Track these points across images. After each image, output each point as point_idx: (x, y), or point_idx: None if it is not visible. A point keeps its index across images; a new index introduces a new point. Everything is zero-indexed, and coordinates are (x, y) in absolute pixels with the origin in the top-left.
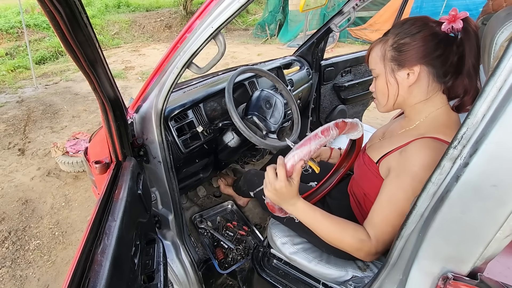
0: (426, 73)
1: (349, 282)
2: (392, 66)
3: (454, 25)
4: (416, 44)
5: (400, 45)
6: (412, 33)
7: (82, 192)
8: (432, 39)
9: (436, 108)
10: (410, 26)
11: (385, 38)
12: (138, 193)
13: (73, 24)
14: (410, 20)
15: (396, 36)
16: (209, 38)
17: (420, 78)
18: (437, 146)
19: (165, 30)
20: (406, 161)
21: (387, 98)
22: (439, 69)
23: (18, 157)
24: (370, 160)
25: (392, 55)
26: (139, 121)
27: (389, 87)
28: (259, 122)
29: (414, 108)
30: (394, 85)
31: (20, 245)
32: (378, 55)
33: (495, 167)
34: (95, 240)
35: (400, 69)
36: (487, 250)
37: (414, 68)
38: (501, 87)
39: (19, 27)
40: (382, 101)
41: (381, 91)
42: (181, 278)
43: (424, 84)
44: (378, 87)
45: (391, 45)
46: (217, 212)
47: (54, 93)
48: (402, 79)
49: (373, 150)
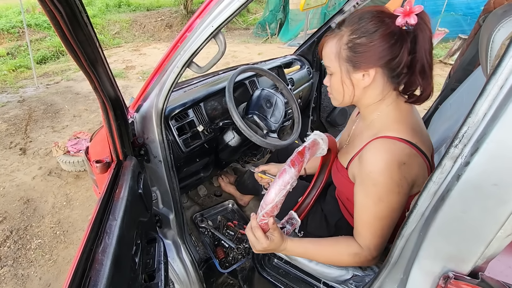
0: (381, 75)
1: (350, 281)
2: (348, 67)
3: (408, 20)
4: (373, 46)
5: (356, 45)
6: (369, 32)
7: (83, 192)
8: (388, 39)
9: (387, 105)
10: (367, 23)
11: (339, 32)
12: (138, 192)
13: (74, 23)
14: (366, 14)
15: (352, 33)
16: (210, 37)
17: (375, 80)
18: (389, 145)
19: (166, 29)
20: (364, 167)
21: (343, 97)
22: (394, 71)
23: (19, 157)
24: (341, 166)
25: (347, 55)
26: (140, 120)
27: (344, 88)
28: (259, 121)
29: (368, 108)
30: (349, 86)
31: (21, 244)
32: (332, 51)
33: (496, 166)
34: (96, 239)
35: (356, 70)
36: (488, 249)
37: (370, 70)
38: (502, 85)
39: (20, 27)
40: (338, 98)
41: (336, 90)
42: (182, 277)
43: (379, 85)
44: (333, 85)
45: (346, 43)
46: (218, 211)
47: (55, 92)
48: (358, 81)
49: (342, 156)
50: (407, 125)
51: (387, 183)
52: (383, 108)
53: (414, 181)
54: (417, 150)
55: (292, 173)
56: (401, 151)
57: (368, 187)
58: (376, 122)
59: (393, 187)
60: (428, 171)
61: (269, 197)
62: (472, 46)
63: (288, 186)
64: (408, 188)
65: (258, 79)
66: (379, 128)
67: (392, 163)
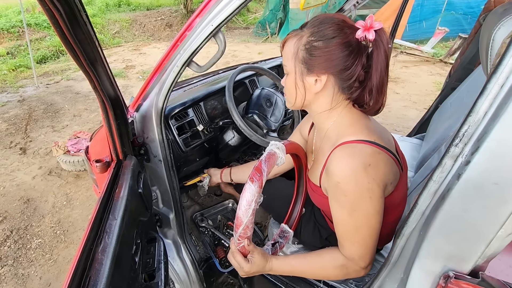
0: (332, 83)
1: (350, 280)
2: (302, 69)
3: (367, 35)
4: (328, 52)
5: (313, 47)
6: (326, 38)
7: (84, 191)
8: (344, 48)
9: (338, 113)
10: (327, 28)
11: (300, 32)
12: (138, 191)
13: (73, 22)
14: (328, 20)
15: (311, 35)
16: (209, 36)
17: (326, 87)
18: (349, 150)
19: (166, 29)
20: (331, 179)
21: (295, 99)
22: (345, 82)
23: (19, 156)
24: (314, 185)
25: (303, 56)
26: (140, 120)
27: (296, 90)
28: (259, 121)
29: (320, 117)
30: (301, 89)
31: (22, 243)
32: (291, 50)
33: (496, 165)
34: (96, 238)
35: (309, 74)
36: (489, 248)
37: (322, 76)
38: (503, 84)
39: (20, 26)
40: (290, 100)
41: (289, 91)
42: (182, 277)
43: (329, 94)
44: (287, 86)
45: (305, 44)
46: (218, 211)
47: (55, 92)
48: (310, 85)
49: (312, 174)
50: (361, 126)
51: (357, 190)
52: (335, 116)
53: (385, 181)
54: (378, 147)
55: (253, 190)
56: (363, 152)
57: (339, 198)
58: (331, 132)
59: (363, 193)
60: (396, 164)
61: (238, 220)
62: (472, 45)
63: (252, 204)
64: (380, 191)
65: (258, 78)
66: (336, 136)
67: (357, 167)
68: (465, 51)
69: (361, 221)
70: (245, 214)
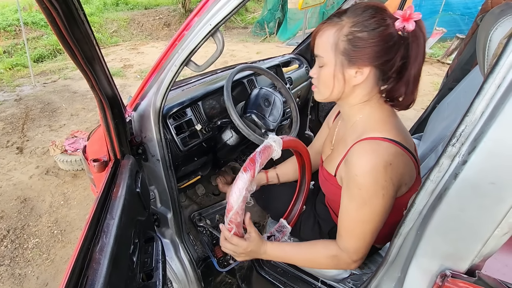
0: (373, 75)
1: (348, 279)
2: (343, 61)
3: (407, 25)
4: (373, 43)
5: (356, 38)
6: (370, 28)
7: (81, 191)
8: (388, 40)
9: (371, 107)
10: (370, 18)
11: (339, 22)
12: (136, 191)
13: (70, 20)
14: (370, 10)
15: (354, 25)
16: (208, 36)
17: (366, 79)
18: (374, 146)
19: (164, 28)
20: (350, 171)
21: (331, 92)
22: (385, 73)
23: (16, 156)
24: (328, 174)
25: (345, 48)
26: (138, 119)
27: (335, 82)
28: (258, 120)
29: (352, 109)
30: (341, 81)
31: (19, 243)
32: (329, 41)
33: (493, 164)
34: (93, 238)
35: (350, 66)
36: (485, 247)
37: (364, 68)
38: (499, 84)
39: (17, 25)
40: (324, 92)
41: (325, 83)
42: (180, 276)
43: (369, 86)
44: (322, 78)
45: (346, 35)
46: (216, 210)
47: (52, 91)
48: (350, 77)
49: (328, 163)
50: (391, 124)
51: (372, 186)
52: (367, 110)
53: (401, 182)
54: (402, 149)
55: (245, 178)
56: (387, 151)
57: (352, 190)
58: (359, 124)
59: (377, 190)
60: (416, 168)
61: (229, 205)
62: (469, 45)
63: (243, 191)
64: (393, 190)
65: (257, 78)
66: (363, 130)
67: (378, 164)
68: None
69: (367, 216)
70: (236, 201)
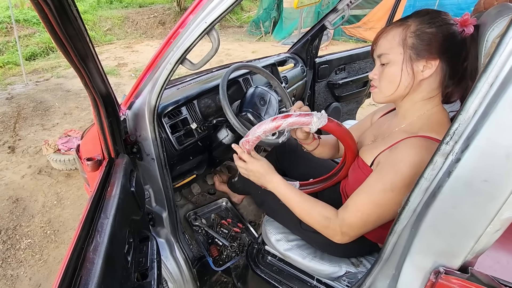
0: (440, 69)
1: (343, 277)
2: (411, 54)
3: (466, 30)
4: (442, 37)
5: (425, 33)
6: (438, 25)
7: (75, 190)
8: (453, 36)
9: (432, 107)
10: (436, 18)
11: (405, 23)
12: (131, 190)
13: (63, 17)
14: (433, 12)
15: (421, 23)
16: (203, 34)
17: (433, 74)
18: (428, 145)
19: (159, 26)
20: (395, 156)
21: (396, 88)
22: (452, 69)
23: (8, 155)
24: (363, 163)
25: (413, 42)
26: (132, 117)
27: (402, 77)
28: (253, 119)
29: (413, 106)
30: (409, 76)
31: (11, 244)
32: (396, 39)
33: (486, 162)
34: (87, 237)
35: (419, 59)
36: (478, 244)
37: (433, 62)
38: (492, 83)
39: (8, 22)
40: (388, 90)
41: (390, 79)
42: (175, 276)
43: (435, 81)
44: (387, 74)
45: (414, 31)
46: (212, 210)
47: (45, 89)
48: (417, 71)
49: (366, 153)
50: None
51: (408, 178)
52: (429, 109)
53: None
54: None
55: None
56: None
57: (387, 174)
58: (417, 123)
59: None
60: None
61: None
62: None
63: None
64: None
65: (252, 77)
66: (421, 127)
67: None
68: None
69: (385, 201)
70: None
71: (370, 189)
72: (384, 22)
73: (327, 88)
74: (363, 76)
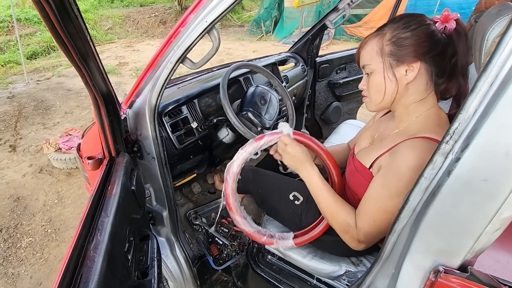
0: (424, 71)
1: (343, 277)
2: (391, 62)
3: (448, 25)
4: (418, 39)
5: (401, 39)
6: (412, 28)
7: (75, 189)
8: (432, 35)
9: (427, 108)
10: (410, 22)
11: (381, 32)
12: (131, 189)
13: (63, 15)
14: (407, 17)
15: (395, 30)
16: (204, 33)
17: (418, 76)
18: (428, 146)
19: (160, 25)
20: (395, 161)
21: (383, 96)
22: (437, 68)
23: (9, 154)
24: (361, 166)
25: (391, 50)
26: (133, 116)
27: (386, 84)
28: (254, 118)
29: (407, 109)
30: (392, 81)
31: (12, 242)
32: (374, 49)
33: (486, 161)
34: (87, 236)
35: (399, 65)
36: (477, 243)
37: (414, 64)
38: (492, 82)
39: (10, 21)
40: (376, 99)
41: (376, 88)
42: (175, 275)
43: (422, 83)
44: (373, 84)
45: (390, 39)
46: (212, 209)
47: (46, 88)
48: (401, 76)
49: (364, 155)
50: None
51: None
52: (424, 111)
53: None
54: None
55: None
56: None
57: (391, 180)
58: (413, 125)
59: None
60: None
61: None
62: None
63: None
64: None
65: (253, 76)
66: (419, 129)
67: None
68: None
69: (394, 208)
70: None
71: (377, 197)
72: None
73: (328, 88)
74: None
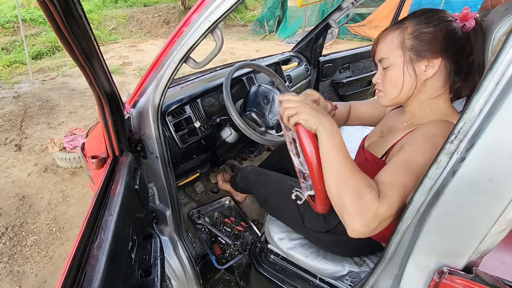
0: (443, 67)
1: (346, 277)
2: (411, 56)
3: (467, 24)
4: (440, 34)
5: (422, 34)
6: (434, 24)
7: (80, 188)
8: (453, 32)
9: (440, 104)
10: (432, 17)
11: (402, 25)
12: (135, 188)
13: (68, 15)
14: (428, 12)
15: (417, 24)
16: (207, 32)
17: (437, 73)
18: (447, 125)
19: (163, 25)
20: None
21: (400, 91)
22: (456, 65)
23: (14, 153)
24: (372, 156)
25: (412, 44)
26: (136, 116)
27: (405, 79)
28: (257, 119)
29: (420, 105)
30: (412, 77)
31: (17, 240)
32: (394, 42)
33: (491, 161)
34: (91, 234)
35: (420, 60)
36: (482, 244)
37: (434, 60)
38: (498, 81)
39: (15, 22)
40: (392, 93)
41: (393, 82)
42: (178, 274)
43: (440, 80)
44: (390, 78)
45: (411, 33)
46: (215, 208)
47: (51, 88)
48: (420, 71)
49: (375, 147)
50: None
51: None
52: (439, 104)
53: None
54: None
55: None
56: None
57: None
58: (428, 116)
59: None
60: None
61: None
62: None
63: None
64: None
65: (256, 75)
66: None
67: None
68: None
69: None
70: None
71: (410, 162)
72: (389, 21)
73: (331, 87)
74: (368, 75)
